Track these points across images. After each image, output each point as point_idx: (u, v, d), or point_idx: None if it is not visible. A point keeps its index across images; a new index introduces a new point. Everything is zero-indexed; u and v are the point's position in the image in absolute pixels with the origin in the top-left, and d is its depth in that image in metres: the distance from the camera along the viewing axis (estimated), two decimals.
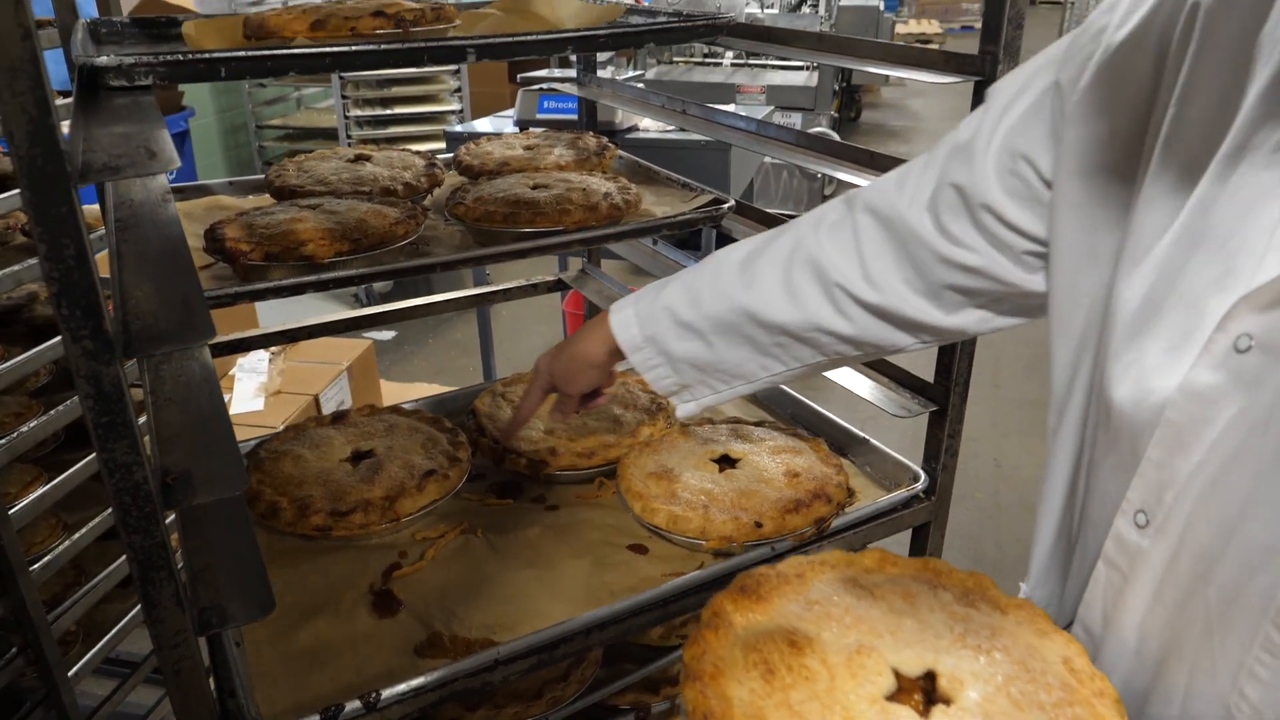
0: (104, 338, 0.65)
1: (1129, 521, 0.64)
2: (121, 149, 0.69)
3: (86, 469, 1.63)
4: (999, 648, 0.59)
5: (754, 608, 0.65)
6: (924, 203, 0.83)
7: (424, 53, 1.01)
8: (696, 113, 1.46)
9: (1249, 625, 0.56)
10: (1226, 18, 0.61)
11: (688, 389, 0.98)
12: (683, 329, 0.95)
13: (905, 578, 0.67)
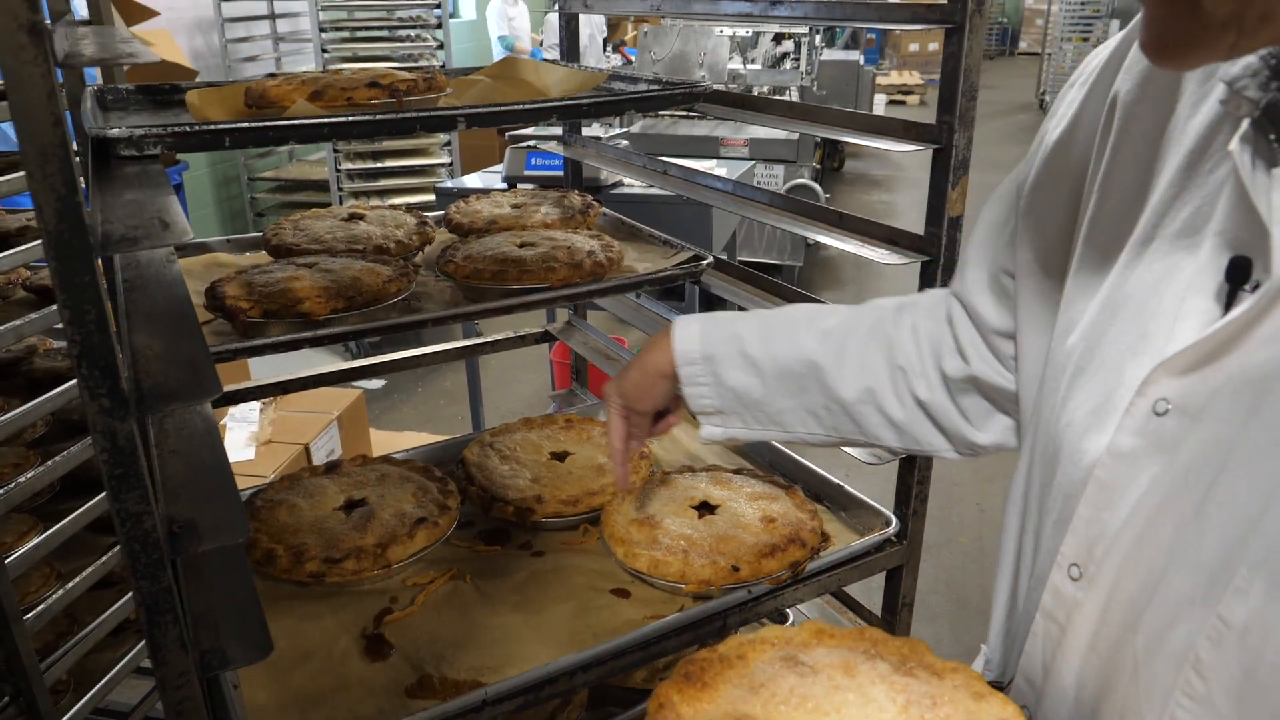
0: (120, 396, 0.69)
1: (1064, 574, 0.68)
2: (137, 220, 0.74)
3: (81, 519, 1.65)
4: (940, 715, 0.62)
5: (700, 695, 0.67)
6: (944, 313, 0.92)
7: (416, 122, 1.07)
8: (676, 173, 1.53)
9: (1172, 671, 0.59)
10: (1140, 109, 0.67)
11: (722, 415, 1.01)
12: (744, 360, 0.98)
13: (843, 649, 0.70)
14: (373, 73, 1.17)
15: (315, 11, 4.93)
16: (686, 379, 1.00)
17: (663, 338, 1.03)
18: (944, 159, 1.02)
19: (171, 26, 5.01)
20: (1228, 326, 0.55)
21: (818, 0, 1.15)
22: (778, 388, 0.97)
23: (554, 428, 1.43)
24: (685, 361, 1.00)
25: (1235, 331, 0.55)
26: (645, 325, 1.65)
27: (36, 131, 0.62)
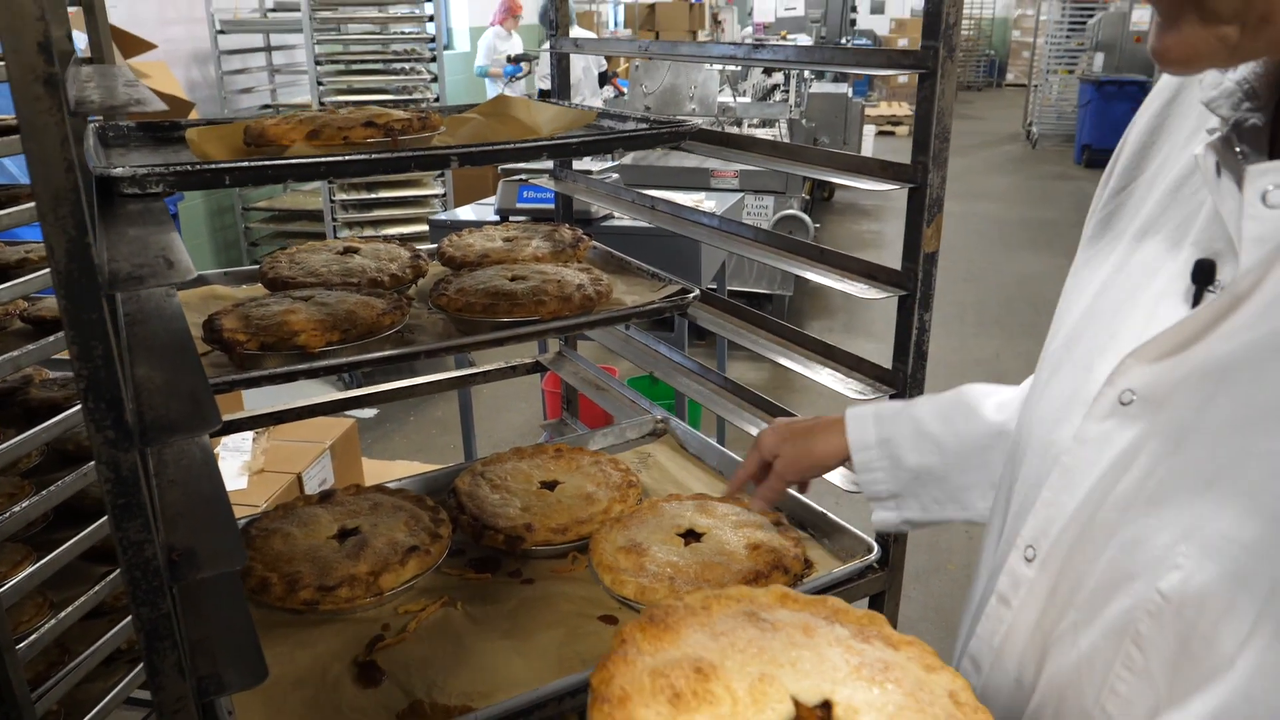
0: (124, 428, 0.72)
1: (1020, 556, 0.72)
2: (143, 258, 0.77)
3: (75, 548, 1.67)
4: (891, 680, 0.66)
5: (662, 636, 0.71)
6: None
7: (410, 161, 1.11)
8: (664, 209, 1.57)
9: (1113, 645, 0.63)
10: (1150, 138, 0.74)
11: (897, 499, 1.02)
12: (923, 439, 0.99)
13: (805, 613, 0.73)
14: (369, 112, 1.21)
15: (311, 45, 4.99)
16: (861, 465, 1.01)
17: (835, 431, 1.05)
18: (919, 197, 1.06)
19: (168, 58, 5.07)
20: (1192, 320, 0.60)
21: (797, 46, 1.20)
22: (959, 464, 0.97)
23: (544, 457, 1.46)
24: (860, 447, 1.01)
25: (1200, 326, 0.60)
26: (635, 356, 1.69)
27: (51, 176, 0.65)
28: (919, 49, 1.02)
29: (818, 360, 1.25)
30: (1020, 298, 6.48)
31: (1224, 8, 0.54)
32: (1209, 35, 0.55)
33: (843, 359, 1.23)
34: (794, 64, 1.23)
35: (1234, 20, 0.54)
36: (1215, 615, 0.56)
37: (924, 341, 1.13)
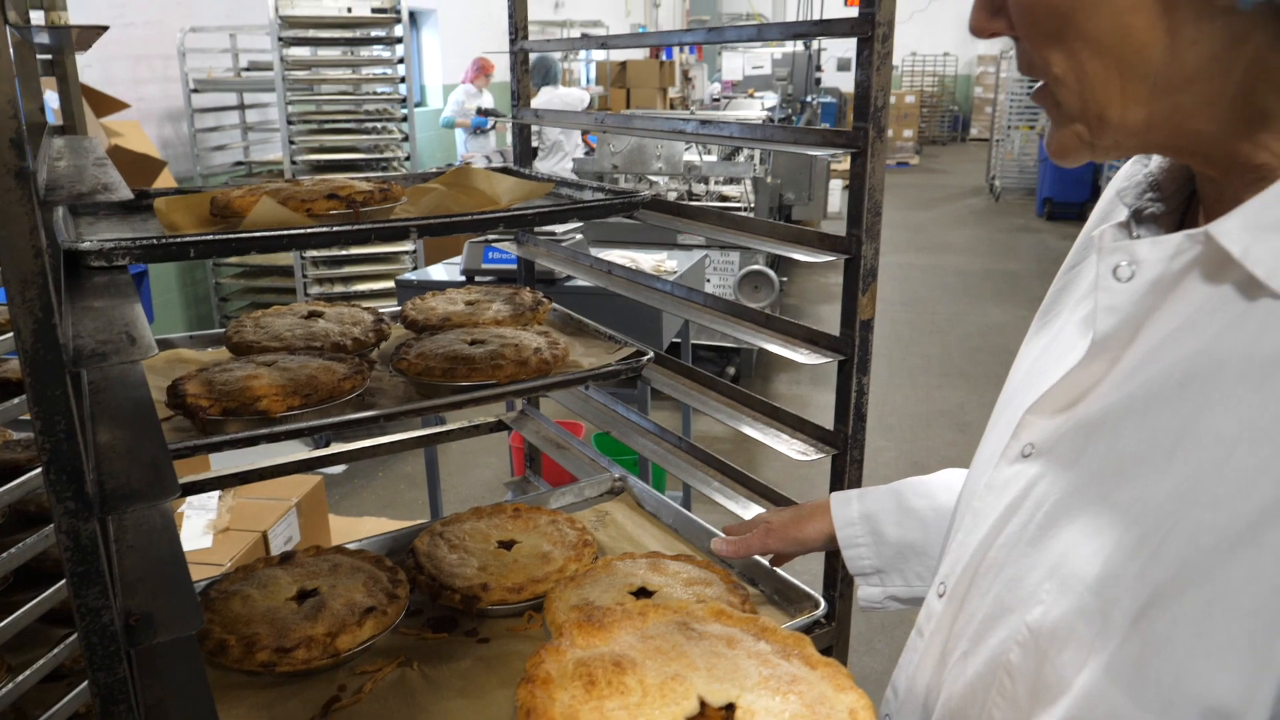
0: (85, 499, 0.75)
1: (935, 592, 0.78)
2: (107, 334, 0.81)
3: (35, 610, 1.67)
4: (795, 692, 0.72)
5: (595, 634, 0.79)
6: None
7: (371, 233, 1.15)
8: (620, 274, 1.62)
9: (991, 673, 0.68)
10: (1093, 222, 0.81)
11: (881, 574, 1.05)
12: (906, 515, 1.04)
13: (735, 629, 0.80)
14: (332, 184, 1.25)
15: (283, 105, 5.07)
16: (846, 541, 1.06)
17: (822, 508, 1.10)
18: (854, 267, 1.12)
19: (142, 117, 5.12)
20: (1071, 382, 0.67)
21: (742, 123, 1.26)
22: (940, 539, 1.00)
23: (502, 517, 1.49)
24: (844, 524, 1.06)
25: (1080, 388, 0.66)
26: (593, 416, 1.73)
27: (20, 262, 0.69)
28: (851, 130, 1.08)
29: (764, 421, 1.30)
30: (985, 348, 6.60)
31: (1070, 109, 0.62)
32: (1069, 133, 0.63)
33: (788, 420, 1.28)
34: (738, 141, 1.30)
35: (1080, 119, 0.62)
36: (1062, 645, 0.62)
37: (863, 404, 1.18)
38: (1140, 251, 0.61)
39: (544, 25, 11.64)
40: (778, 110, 9.32)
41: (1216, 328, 0.58)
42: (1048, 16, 0.59)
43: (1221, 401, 0.57)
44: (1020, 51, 0.64)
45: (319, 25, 5.17)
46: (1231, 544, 0.55)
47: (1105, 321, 0.63)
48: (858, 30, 1.04)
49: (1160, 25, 0.56)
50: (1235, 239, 0.57)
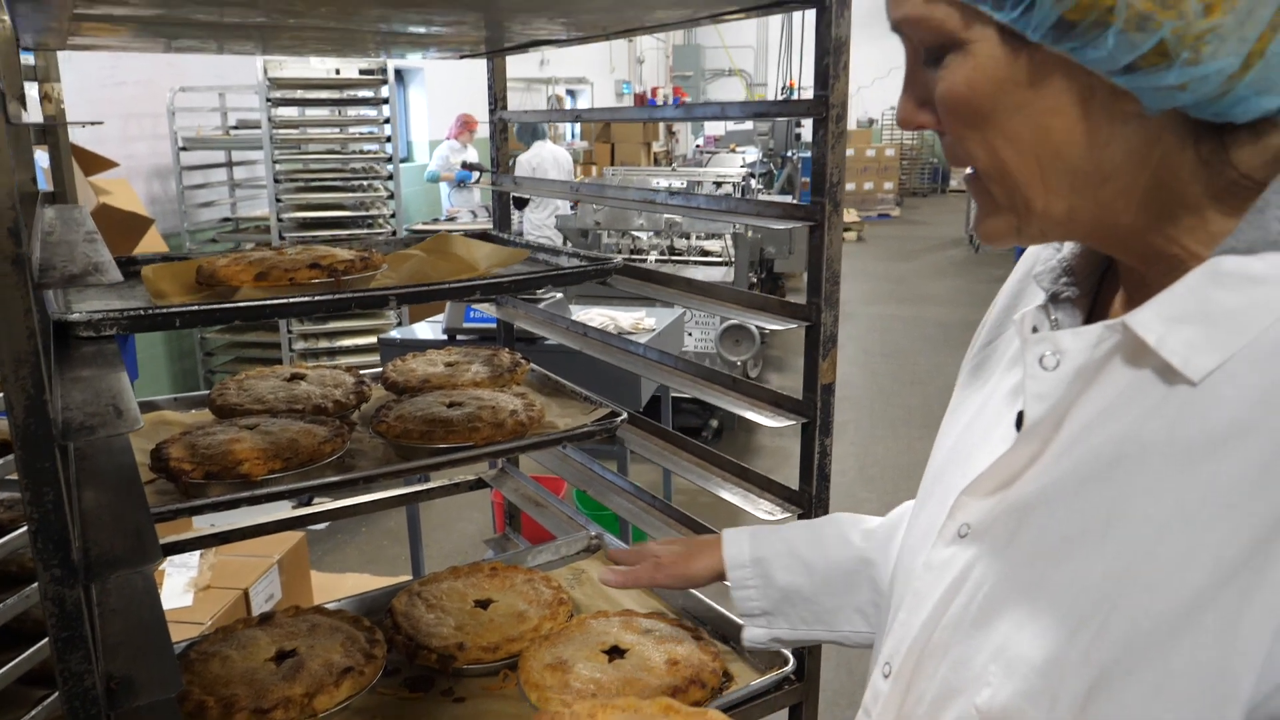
0: (70, 566, 0.78)
1: (880, 672, 0.79)
2: (94, 407, 0.85)
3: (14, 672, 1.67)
4: None
5: None
6: None
7: (352, 301, 1.20)
8: (595, 336, 1.67)
9: None
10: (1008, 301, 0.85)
11: (768, 616, 1.07)
12: (795, 560, 1.05)
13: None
14: (314, 254, 1.30)
15: (271, 162, 5.15)
16: (736, 582, 1.07)
17: (713, 543, 1.11)
18: (814, 334, 1.17)
19: (130, 174, 5.18)
20: (1005, 464, 0.69)
21: (708, 195, 1.32)
22: (826, 587, 1.03)
23: (479, 576, 1.52)
24: (735, 565, 1.07)
25: (1013, 469, 0.69)
26: (571, 474, 1.76)
27: (14, 342, 0.73)
28: (809, 204, 1.14)
29: (732, 481, 1.34)
30: None
31: (1000, 198, 0.65)
32: (999, 219, 0.67)
33: (756, 480, 1.32)
34: (705, 215, 1.36)
35: (1010, 209, 0.65)
36: None
37: (826, 464, 1.23)
38: (1064, 342, 0.65)
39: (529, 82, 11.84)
40: (758, 165, 9.48)
41: (1139, 412, 0.61)
42: (971, 114, 0.63)
43: (1148, 485, 0.60)
44: (945, 143, 0.67)
45: (307, 86, 5.27)
46: (1171, 627, 0.56)
47: (1035, 408, 0.66)
48: (813, 111, 1.11)
49: (1078, 127, 0.60)
50: (1150, 329, 0.60)
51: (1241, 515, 0.55)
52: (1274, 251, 0.58)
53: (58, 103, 1.84)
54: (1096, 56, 0.57)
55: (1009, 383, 0.77)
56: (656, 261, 5.84)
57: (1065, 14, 0.56)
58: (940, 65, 0.63)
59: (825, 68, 1.09)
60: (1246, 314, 0.58)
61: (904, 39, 0.66)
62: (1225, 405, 0.57)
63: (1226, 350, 0.58)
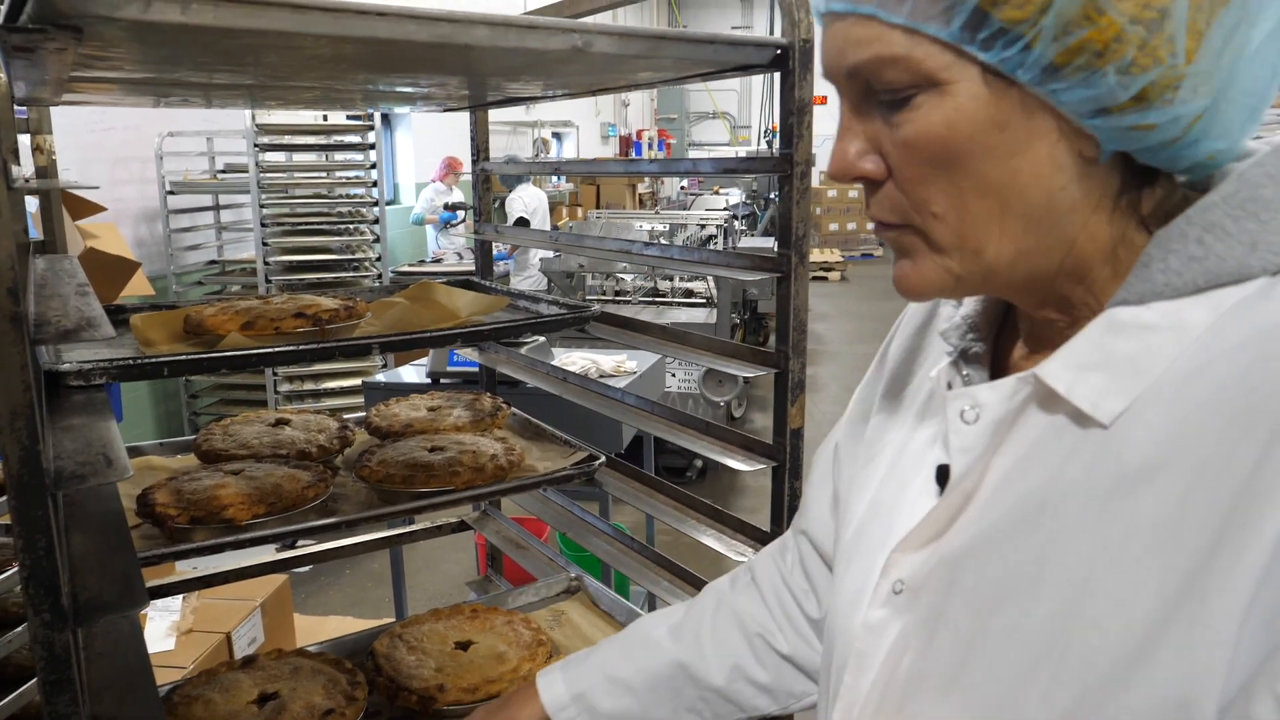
0: (60, 611, 0.81)
1: None
2: (85, 456, 0.88)
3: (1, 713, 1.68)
4: None
5: None
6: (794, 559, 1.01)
7: (336, 350, 1.24)
8: (575, 381, 1.71)
9: None
10: (907, 357, 0.87)
11: None
12: (614, 684, 1.02)
13: None
14: (299, 303, 1.34)
15: (258, 206, 5.20)
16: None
17: (529, 691, 1.07)
18: (783, 380, 1.22)
19: (118, 217, 5.22)
20: (933, 518, 0.71)
21: (681, 246, 1.37)
22: (653, 699, 1.01)
23: (460, 618, 1.54)
24: (556, 708, 1.03)
25: (941, 523, 0.70)
26: (551, 516, 1.79)
27: (10, 395, 0.76)
28: (776, 256, 1.19)
29: (706, 523, 1.37)
30: None
31: (943, 240, 0.64)
32: (936, 265, 0.66)
33: (729, 522, 1.36)
34: (678, 264, 1.41)
35: (954, 253, 0.65)
36: None
37: (795, 507, 1.26)
38: (982, 396, 0.68)
39: (515, 125, 11.98)
40: (740, 207, 9.60)
41: (1058, 458, 0.64)
42: (941, 154, 0.61)
43: (1074, 526, 0.62)
44: (881, 197, 0.66)
45: (294, 131, 5.34)
46: (1128, 663, 0.57)
47: (960, 461, 0.69)
48: (779, 169, 1.16)
49: (1043, 170, 0.61)
50: (1059, 379, 0.64)
51: (1171, 548, 0.57)
52: (1161, 300, 0.61)
53: (49, 154, 1.89)
54: (1078, 98, 0.58)
55: (921, 437, 0.78)
56: (640, 303, 5.91)
57: (1057, 56, 0.56)
58: (905, 107, 0.61)
59: (790, 127, 1.15)
60: (1145, 359, 0.61)
61: (848, 83, 0.64)
62: (1137, 445, 0.60)
63: (1131, 394, 0.61)
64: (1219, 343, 0.60)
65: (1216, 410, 0.58)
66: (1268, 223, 0.60)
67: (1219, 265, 0.61)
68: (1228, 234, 0.61)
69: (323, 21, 0.78)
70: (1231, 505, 0.56)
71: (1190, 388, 0.60)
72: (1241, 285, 0.60)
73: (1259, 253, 0.60)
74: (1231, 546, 0.55)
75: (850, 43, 0.62)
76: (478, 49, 0.90)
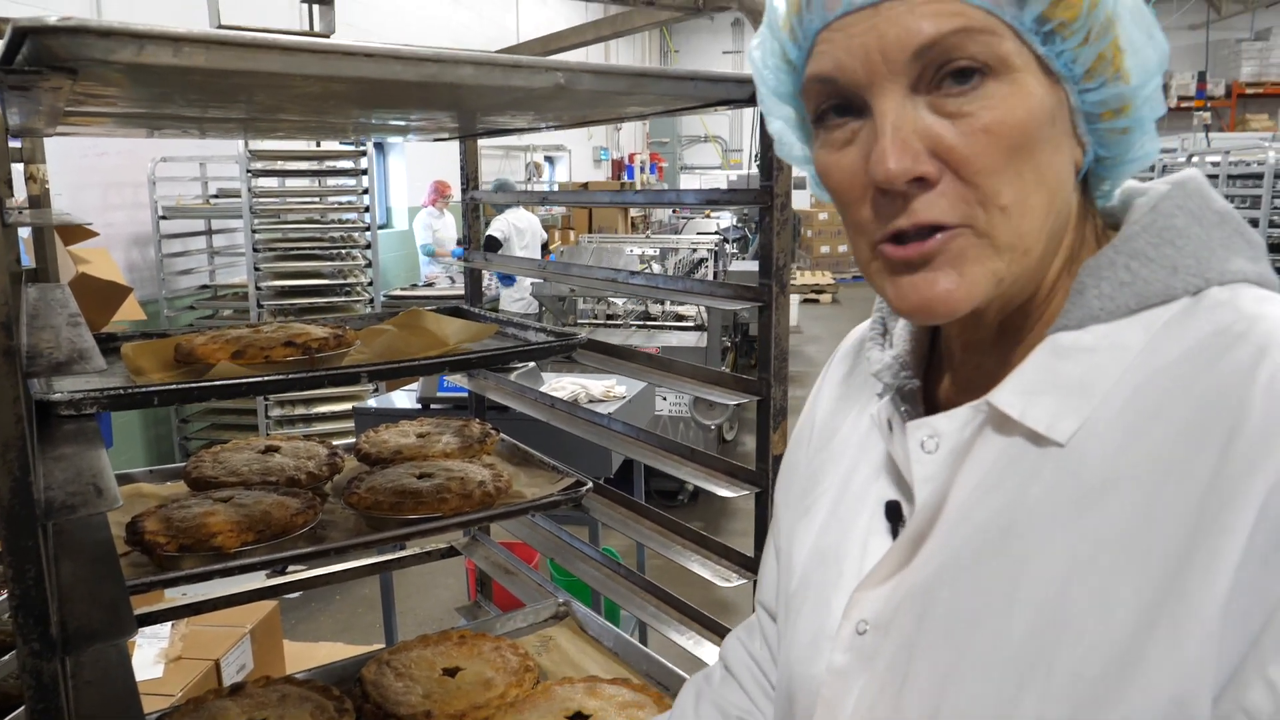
0: (49, 640, 0.82)
1: None
2: (75, 486, 0.89)
3: None
4: None
5: None
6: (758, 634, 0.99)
7: (325, 379, 1.25)
8: (562, 408, 1.73)
9: None
10: (839, 404, 0.87)
11: None
12: None
13: None
14: (289, 332, 1.35)
15: (250, 231, 5.22)
16: None
17: None
18: (765, 408, 1.24)
19: (110, 242, 5.23)
20: (895, 552, 0.71)
21: (662, 276, 1.40)
22: None
23: (448, 644, 1.55)
24: None
25: (902, 556, 0.71)
26: (539, 542, 1.81)
27: (3, 428, 0.78)
28: (757, 286, 1.22)
29: (691, 548, 1.39)
30: None
31: (1005, 237, 0.62)
32: (986, 271, 0.63)
33: (714, 547, 1.37)
34: (662, 292, 1.43)
35: (1008, 253, 0.62)
36: None
37: None
38: (940, 425, 0.70)
39: (507, 150, 12.05)
40: (731, 231, 9.66)
41: (1018, 480, 0.66)
42: (1020, 141, 0.61)
43: (1042, 544, 0.63)
44: (936, 196, 0.61)
45: (287, 157, 5.37)
46: (1119, 670, 0.58)
47: (923, 490, 0.70)
48: (759, 200, 1.18)
49: (1066, 173, 0.65)
50: (1012, 404, 0.66)
51: (1142, 555, 0.59)
52: (1099, 324, 0.65)
53: (42, 183, 1.91)
54: (1096, 99, 0.63)
55: (859, 479, 0.79)
56: (632, 326, 5.93)
57: (1094, 59, 0.62)
58: (974, 94, 0.60)
59: (770, 160, 1.17)
60: (1091, 379, 0.64)
61: (909, 65, 0.60)
62: (1095, 461, 0.63)
63: (1082, 413, 0.64)
64: (1157, 359, 0.63)
65: (1168, 421, 0.61)
66: (1182, 248, 0.66)
67: (1146, 288, 0.65)
68: (1151, 260, 0.65)
69: (311, 63, 0.80)
70: (1199, 507, 0.58)
71: (1138, 402, 0.63)
72: (1167, 306, 0.65)
73: (1180, 275, 0.65)
74: (1206, 546, 0.57)
75: (927, 16, 0.59)
76: (464, 86, 0.93)
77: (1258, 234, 0.68)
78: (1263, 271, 0.66)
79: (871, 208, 0.64)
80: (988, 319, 0.71)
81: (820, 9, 0.63)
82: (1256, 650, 0.55)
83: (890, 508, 0.74)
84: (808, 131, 0.71)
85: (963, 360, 0.75)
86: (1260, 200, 6.50)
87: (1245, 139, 10.78)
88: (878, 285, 0.68)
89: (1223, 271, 0.65)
